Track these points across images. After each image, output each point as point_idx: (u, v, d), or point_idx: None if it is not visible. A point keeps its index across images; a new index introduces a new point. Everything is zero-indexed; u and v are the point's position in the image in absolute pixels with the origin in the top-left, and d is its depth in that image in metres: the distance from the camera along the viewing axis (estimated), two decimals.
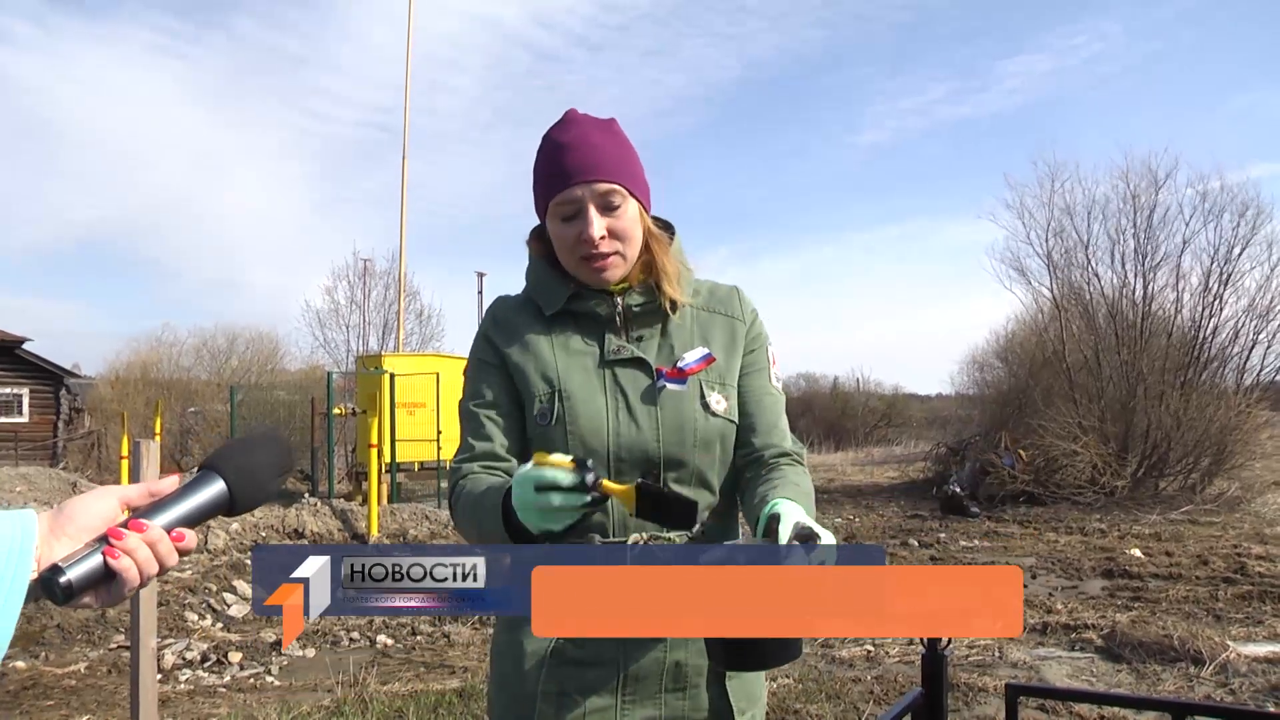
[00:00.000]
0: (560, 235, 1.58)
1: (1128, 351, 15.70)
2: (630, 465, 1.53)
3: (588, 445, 1.52)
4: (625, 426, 1.55)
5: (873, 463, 25.10)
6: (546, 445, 1.52)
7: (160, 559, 0.93)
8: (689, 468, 1.58)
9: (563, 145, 1.58)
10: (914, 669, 5.88)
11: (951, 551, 10.53)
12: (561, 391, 1.56)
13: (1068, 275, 16.82)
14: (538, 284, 1.66)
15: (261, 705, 5.29)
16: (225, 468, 1.01)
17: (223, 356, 27.43)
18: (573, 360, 1.60)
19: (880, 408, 37.02)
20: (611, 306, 1.62)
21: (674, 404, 1.58)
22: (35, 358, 24.75)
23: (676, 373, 1.61)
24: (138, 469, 4.05)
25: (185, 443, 21.67)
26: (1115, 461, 14.89)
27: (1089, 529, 11.99)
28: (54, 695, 5.87)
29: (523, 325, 1.64)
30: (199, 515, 0.98)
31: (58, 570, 0.86)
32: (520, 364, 1.60)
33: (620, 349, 1.60)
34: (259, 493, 1.03)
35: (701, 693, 1.54)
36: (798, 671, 5.71)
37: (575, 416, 1.54)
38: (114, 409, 22.66)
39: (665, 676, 1.52)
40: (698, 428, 1.59)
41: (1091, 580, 8.85)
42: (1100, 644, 6.35)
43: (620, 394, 1.57)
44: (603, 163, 1.55)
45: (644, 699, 1.51)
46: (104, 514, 0.92)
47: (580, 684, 1.48)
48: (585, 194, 1.54)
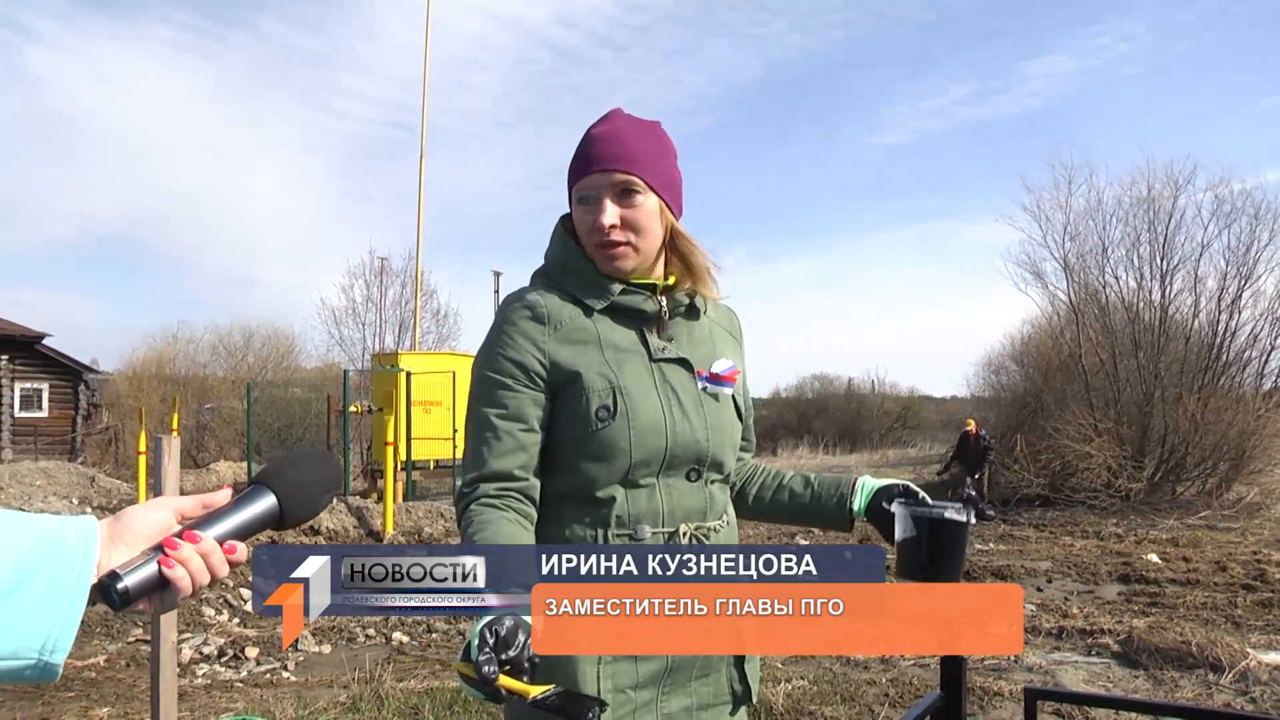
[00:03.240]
0: (579, 221, 1.61)
1: (1144, 355, 15.61)
2: (683, 462, 1.58)
3: (647, 440, 1.54)
4: (680, 424, 1.58)
5: (887, 465, 25.04)
6: (607, 442, 1.53)
7: (212, 569, 0.96)
8: (725, 469, 1.66)
9: (594, 136, 1.62)
10: (929, 672, 5.87)
11: (967, 554, 10.49)
12: (621, 388, 1.55)
13: (1084, 278, 16.75)
14: (583, 275, 1.63)
15: (278, 700, 5.32)
16: (276, 483, 1.04)
17: (239, 353, 27.59)
18: (624, 357, 1.59)
19: (895, 409, 36.90)
20: (656, 303, 1.65)
21: (717, 407, 1.65)
22: (54, 353, 24.95)
23: (715, 377, 1.67)
24: (159, 464, 4.08)
25: (201, 439, 21.81)
26: (1131, 465, 14.81)
27: (1105, 533, 11.93)
28: (74, 687, 5.92)
29: (570, 319, 1.60)
30: (250, 528, 1.01)
31: (116, 577, 0.89)
32: (573, 361, 1.57)
33: (665, 348, 1.63)
34: (308, 508, 1.06)
35: (723, 677, 1.61)
36: (813, 674, 5.70)
37: (636, 413, 1.54)
38: (131, 405, 22.81)
39: (696, 666, 1.56)
40: (734, 431, 1.69)
41: (1108, 585, 8.81)
42: (1117, 649, 6.32)
43: (672, 392, 1.60)
44: (626, 154, 1.59)
45: (678, 689, 1.55)
46: (160, 524, 0.95)
47: (633, 679, 1.51)
48: (603, 181, 1.58)
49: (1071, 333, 16.61)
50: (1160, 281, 16.01)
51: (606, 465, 1.53)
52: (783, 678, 5.55)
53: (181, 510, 0.98)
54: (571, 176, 1.63)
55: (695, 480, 1.60)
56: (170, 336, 27.36)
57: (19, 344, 24.05)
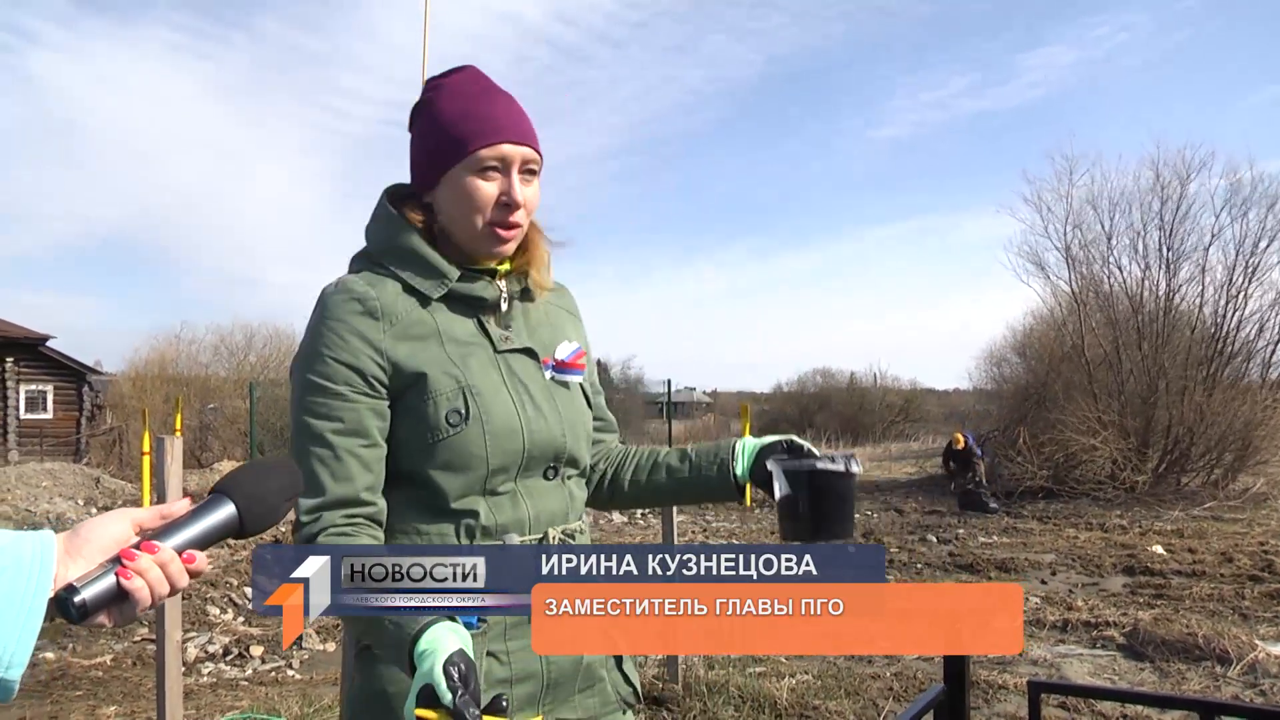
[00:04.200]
0: (473, 190, 1.43)
1: (1149, 345, 15.56)
2: (539, 462, 1.48)
3: (503, 444, 1.42)
4: (536, 422, 1.46)
5: (890, 458, 25.00)
6: (460, 449, 1.40)
7: (171, 580, 0.95)
8: (582, 464, 1.57)
9: (492, 98, 1.48)
10: (933, 666, 5.86)
11: (970, 548, 10.48)
12: (470, 388, 1.42)
13: (1087, 269, 16.71)
14: (417, 260, 1.45)
15: (283, 699, 5.32)
16: (235, 492, 1.03)
17: (241, 353, 27.60)
18: (467, 351, 1.45)
19: (898, 403, 36.82)
20: (496, 290, 1.51)
21: (568, 397, 1.55)
22: (58, 355, 24.98)
23: (562, 364, 1.56)
24: (162, 465, 4.09)
25: (205, 439, 21.84)
26: (1136, 457, 14.77)
27: (1109, 525, 11.91)
28: (82, 686, 5.93)
29: (406, 312, 1.43)
30: (209, 537, 1.00)
31: (73, 590, 0.88)
32: (415, 360, 1.41)
33: (507, 338, 1.50)
34: (268, 516, 1.06)
35: (606, 685, 1.54)
36: (817, 668, 5.70)
37: (490, 415, 1.42)
38: (134, 405, 22.84)
39: (579, 679, 1.49)
40: (587, 422, 1.59)
41: (1112, 577, 8.80)
42: (1122, 642, 6.31)
43: (521, 387, 1.48)
44: (531, 129, 1.49)
45: (560, 704, 1.48)
46: (117, 535, 0.94)
47: (510, 703, 1.40)
48: (515, 155, 1.44)
49: (1074, 324, 16.56)
50: (1166, 271, 15.97)
51: (461, 475, 1.41)
52: (786, 672, 5.55)
53: (140, 521, 0.97)
54: (467, 136, 1.43)
55: (553, 479, 1.50)
56: (172, 337, 27.40)
57: (23, 346, 24.09)
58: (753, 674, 5.38)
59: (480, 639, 1.39)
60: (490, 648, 1.40)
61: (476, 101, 1.46)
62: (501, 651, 1.40)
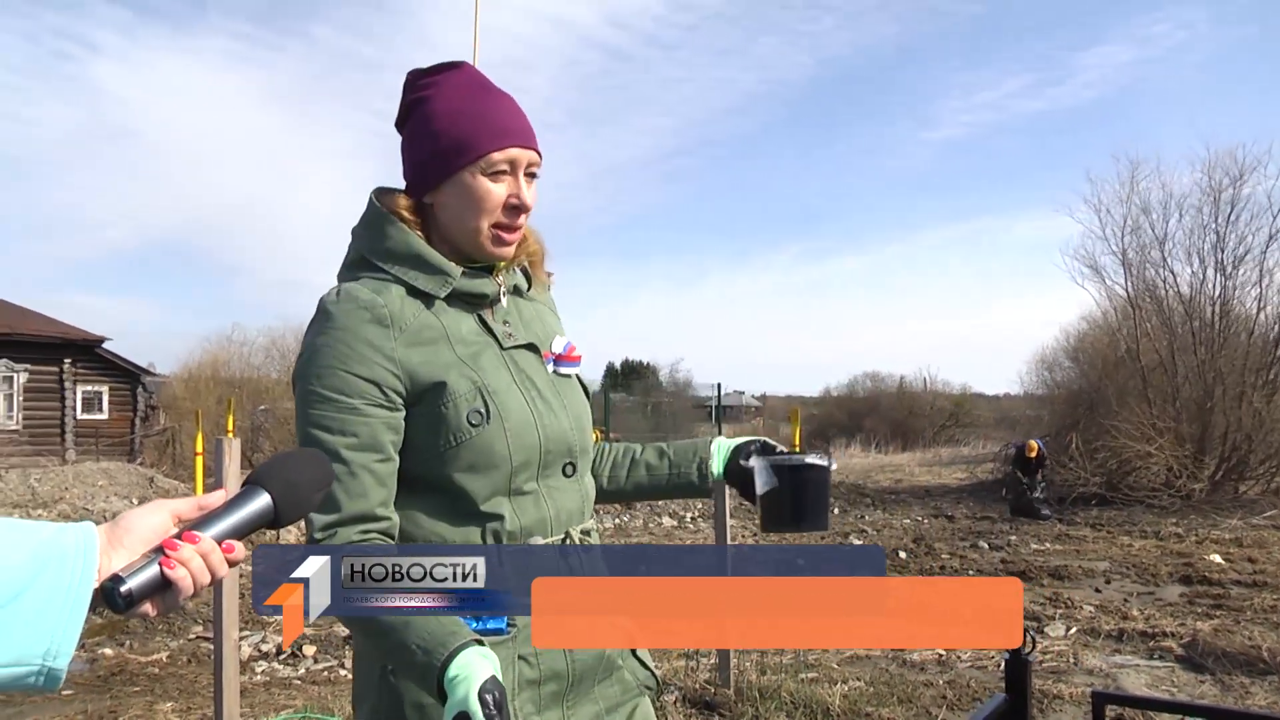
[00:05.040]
0: (484, 193, 1.42)
1: (1205, 350, 15.24)
2: (555, 458, 1.47)
3: (521, 443, 1.41)
4: (547, 416, 1.46)
5: (940, 463, 24.73)
6: (484, 449, 1.39)
7: (212, 569, 0.97)
8: (590, 457, 1.58)
9: (495, 98, 1.47)
10: (986, 674, 5.78)
11: (1023, 555, 10.32)
12: (487, 387, 1.40)
13: (1142, 272, 16.40)
14: (419, 260, 1.43)
15: (335, 698, 5.38)
16: (270, 482, 1.04)
17: (292, 355, 27.95)
18: (476, 351, 1.44)
19: (948, 407, 36.42)
20: (496, 285, 1.50)
21: (570, 390, 1.55)
22: (114, 356, 25.50)
23: (561, 357, 1.56)
24: (220, 466, 4.15)
25: (256, 440, 22.18)
26: (1192, 464, 14.46)
27: (1164, 533, 11.66)
28: (139, 682, 6.06)
29: (414, 316, 1.41)
30: (246, 527, 1.02)
31: (118, 580, 0.90)
32: (429, 366, 1.39)
33: (510, 334, 1.50)
34: (302, 506, 1.07)
35: (624, 673, 1.55)
36: (869, 674, 5.65)
37: (508, 413, 1.41)
38: (187, 407, 23.29)
39: (599, 671, 1.50)
40: (589, 413, 1.60)
41: (1168, 586, 8.61)
42: (1180, 653, 6.16)
43: (529, 383, 1.47)
44: (533, 131, 1.48)
45: (582, 699, 1.48)
46: (157, 526, 0.96)
47: (537, 703, 1.43)
48: (523, 158, 1.44)
49: (1129, 328, 16.28)
50: (1221, 274, 15.63)
51: (485, 476, 1.40)
52: (839, 678, 5.51)
53: (178, 512, 0.98)
54: (478, 139, 1.41)
55: (571, 476, 1.50)
56: (225, 339, 27.92)
57: (80, 348, 24.64)
58: (805, 680, 5.35)
59: (510, 643, 1.39)
60: (520, 651, 1.40)
61: (480, 101, 1.44)
62: (530, 654, 1.41)
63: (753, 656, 5.78)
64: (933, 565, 9.74)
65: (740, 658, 5.59)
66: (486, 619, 1.37)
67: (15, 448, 21.50)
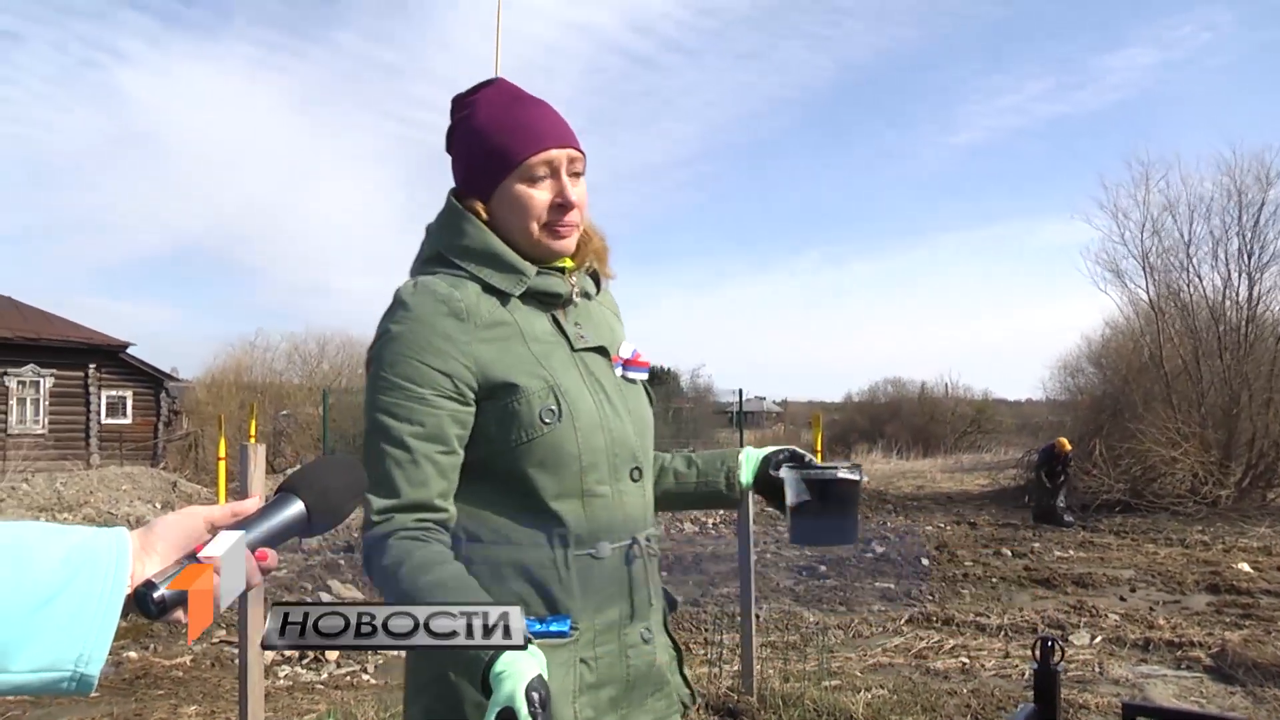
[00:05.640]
0: (528, 198, 1.44)
1: (1230, 356, 15.09)
2: (622, 462, 1.47)
3: (590, 443, 1.42)
4: (613, 420, 1.46)
5: (962, 469, 24.57)
6: (554, 446, 1.39)
7: (246, 576, 0.96)
8: (651, 463, 1.57)
9: (528, 106, 1.50)
10: (1010, 683, 5.73)
11: (1046, 562, 10.24)
12: (558, 387, 1.41)
13: (1165, 277, 16.25)
14: (496, 258, 1.45)
15: (359, 703, 5.39)
16: (304, 489, 1.04)
17: (314, 361, 28.19)
18: (548, 350, 1.45)
19: (969, 413, 36.17)
20: (568, 285, 1.51)
21: (635, 396, 1.55)
22: (138, 361, 25.74)
23: (628, 362, 1.56)
24: (245, 471, 4.18)
25: (278, 445, 22.30)
26: (1218, 470, 14.31)
27: (1190, 541, 11.53)
28: (163, 685, 6.09)
29: (489, 312, 1.42)
30: (280, 534, 1.01)
31: (151, 586, 0.89)
32: (502, 362, 1.40)
33: (582, 336, 1.50)
34: (335, 514, 1.06)
35: (671, 687, 1.55)
36: (892, 682, 5.61)
37: (578, 413, 1.42)
38: (210, 411, 23.44)
39: (651, 682, 1.50)
40: (652, 421, 1.59)
41: (1195, 595, 8.52)
42: (1209, 664, 6.09)
43: (598, 385, 1.48)
44: (570, 130, 1.51)
45: (636, 708, 1.49)
46: (191, 532, 0.96)
47: (596, 708, 1.43)
48: (562, 157, 1.46)
49: (1152, 333, 16.13)
50: (1248, 279, 15.47)
51: (554, 474, 1.40)
52: (861, 686, 5.47)
53: (212, 519, 0.98)
54: (514, 147, 1.44)
55: (638, 481, 1.49)
56: (247, 344, 28.08)
57: (105, 353, 24.87)
58: (828, 687, 5.32)
59: (572, 646, 1.40)
60: (582, 655, 1.41)
61: (514, 111, 1.47)
62: (591, 658, 1.42)
63: (775, 664, 5.76)
64: (955, 573, 9.68)
65: (763, 665, 5.57)
66: (550, 620, 1.37)
67: (41, 451, 21.70)
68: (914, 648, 6.61)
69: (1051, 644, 1.80)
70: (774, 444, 1.72)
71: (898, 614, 7.78)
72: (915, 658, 6.33)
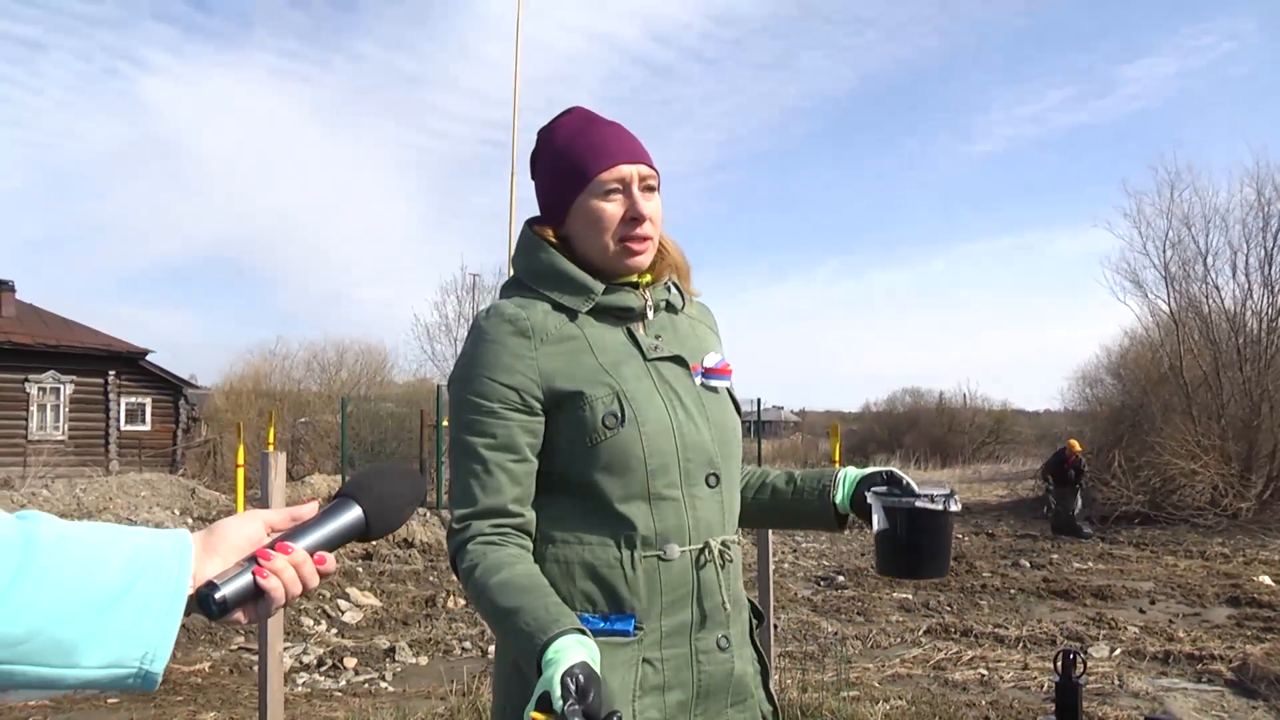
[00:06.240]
0: (600, 212, 1.49)
1: (1251, 367, 14.97)
2: (697, 467, 1.49)
3: (657, 447, 1.45)
4: (687, 426, 1.49)
5: (980, 480, 24.47)
6: (619, 450, 1.43)
7: (304, 580, 0.98)
8: (733, 470, 1.58)
9: (600, 127, 1.56)
10: (1029, 695, 5.71)
11: (1065, 574, 10.18)
12: (625, 393, 1.45)
13: (1185, 287, 16.16)
14: (563, 278, 1.52)
15: (377, 710, 5.42)
16: (362, 496, 1.05)
17: (333, 369, 28.36)
18: (619, 359, 1.49)
19: (987, 424, 35.99)
20: (641, 299, 1.55)
21: (716, 404, 1.57)
22: (157, 368, 25.90)
23: (710, 371, 1.58)
24: (266, 480, 4.21)
25: (296, 452, 22.37)
26: (1238, 483, 14.19)
27: (1210, 553, 11.45)
28: (182, 691, 6.13)
29: (556, 328, 1.49)
30: (338, 540, 1.03)
31: (213, 587, 0.92)
32: (568, 373, 1.46)
33: (657, 346, 1.54)
34: (393, 520, 1.08)
35: (754, 701, 1.55)
36: (910, 693, 5.59)
37: (645, 418, 1.45)
38: (228, 419, 23.58)
39: (730, 692, 1.50)
40: (738, 428, 1.61)
41: (1216, 608, 8.45)
42: (1230, 677, 6.04)
43: (673, 393, 1.50)
44: (641, 147, 1.56)
45: (713, 717, 1.49)
46: (251, 536, 0.98)
47: (660, 710, 1.44)
48: (632, 173, 1.50)
49: (1171, 344, 16.03)
50: (1269, 290, 15.35)
51: (621, 477, 1.44)
52: (880, 697, 5.46)
53: (271, 522, 1.00)
54: (585, 165, 1.50)
55: (714, 487, 1.51)
56: (266, 352, 28.28)
57: (124, 360, 25.04)
58: (846, 698, 5.30)
59: (636, 646, 1.42)
60: (645, 655, 1.43)
61: (586, 133, 1.54)
62: (656, 659, 1.43)
63: (794, 674, 5.75)
64: (974, 584, 9.63)
65: (781, 675, 5.56)
66: (614, 619, 1.42)
67: (61, 458, 21.86)
68: (932, 659, 6.59)
69: (1073, 656, 1.80)
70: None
71: (916, 625, 7.75)
72: (934, 669, 6.31)
